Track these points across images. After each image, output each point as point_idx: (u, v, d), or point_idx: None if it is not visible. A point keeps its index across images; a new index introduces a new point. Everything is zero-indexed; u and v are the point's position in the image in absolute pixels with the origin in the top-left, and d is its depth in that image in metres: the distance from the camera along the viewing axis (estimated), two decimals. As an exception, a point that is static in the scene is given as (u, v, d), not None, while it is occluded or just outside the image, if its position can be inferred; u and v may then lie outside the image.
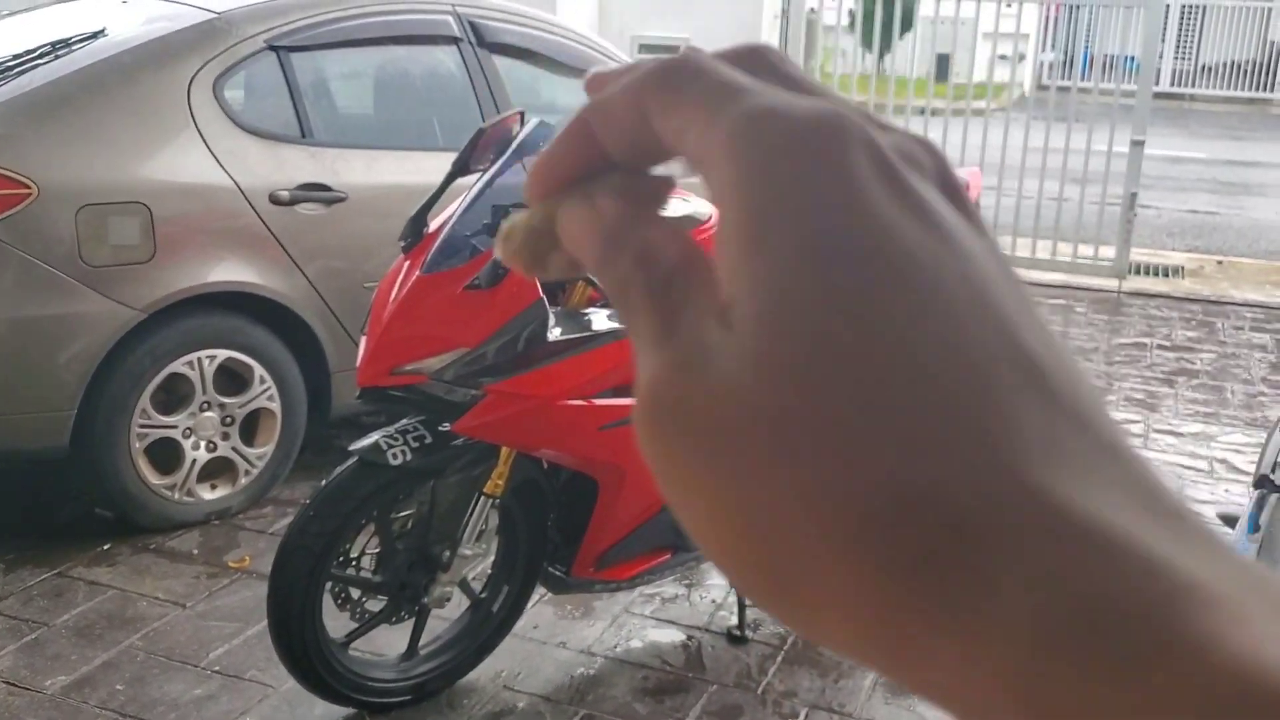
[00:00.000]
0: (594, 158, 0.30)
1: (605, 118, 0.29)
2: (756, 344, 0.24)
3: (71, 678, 2.92)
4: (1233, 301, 6.98)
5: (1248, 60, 19.09)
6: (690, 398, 0.24)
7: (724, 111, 0.26)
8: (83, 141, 3.46)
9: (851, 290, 0.23)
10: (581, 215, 0.30)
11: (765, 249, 0.24)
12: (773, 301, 0.24)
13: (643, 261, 0.28)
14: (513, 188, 2.63)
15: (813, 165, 0.25)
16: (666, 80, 0.28)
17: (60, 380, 3.41)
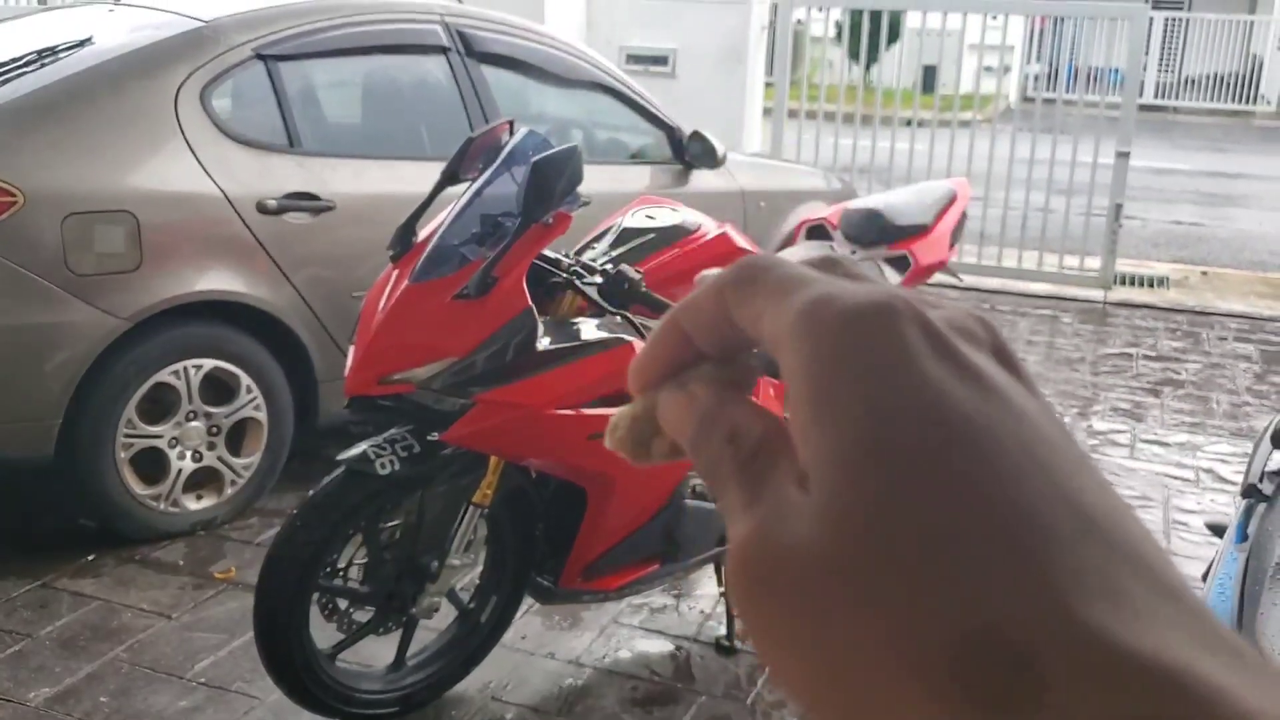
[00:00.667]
0: (686, 352, 0.34)
1: (693, 315, 0.34)
2: (828, 503, 0.26)
3: (55, 690, 2.90)
4: (1217, 312, 7.02)
5: (1231, 73, 19.21)
6: (773, 557, 0.27)
7: (791, 298, 0.30)
8: (69, 149, 3.45)
9: (910, 449, 0.25)
10: (677, 402, 0.34)
11: (828, 418, 0.27)
12: (837, 466, 0.26)
13: (731, 439, 0.31)
14: (501, 197, 2.63)
15: (869, 340, 0.28)
16: (742, 276, 0.32)
17: (45, 389, 3.39)
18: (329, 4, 4.15)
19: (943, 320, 0.29)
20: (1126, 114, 7.03)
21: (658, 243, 2.85)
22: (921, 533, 0.25)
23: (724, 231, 2.94)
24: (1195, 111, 18.85)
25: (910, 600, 0.24)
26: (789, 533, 0.26)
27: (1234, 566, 2.09)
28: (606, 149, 4.90)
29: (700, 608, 3.39)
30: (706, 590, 3.44)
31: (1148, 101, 16.99)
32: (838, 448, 0.26)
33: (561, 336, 2.61)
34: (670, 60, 8.63)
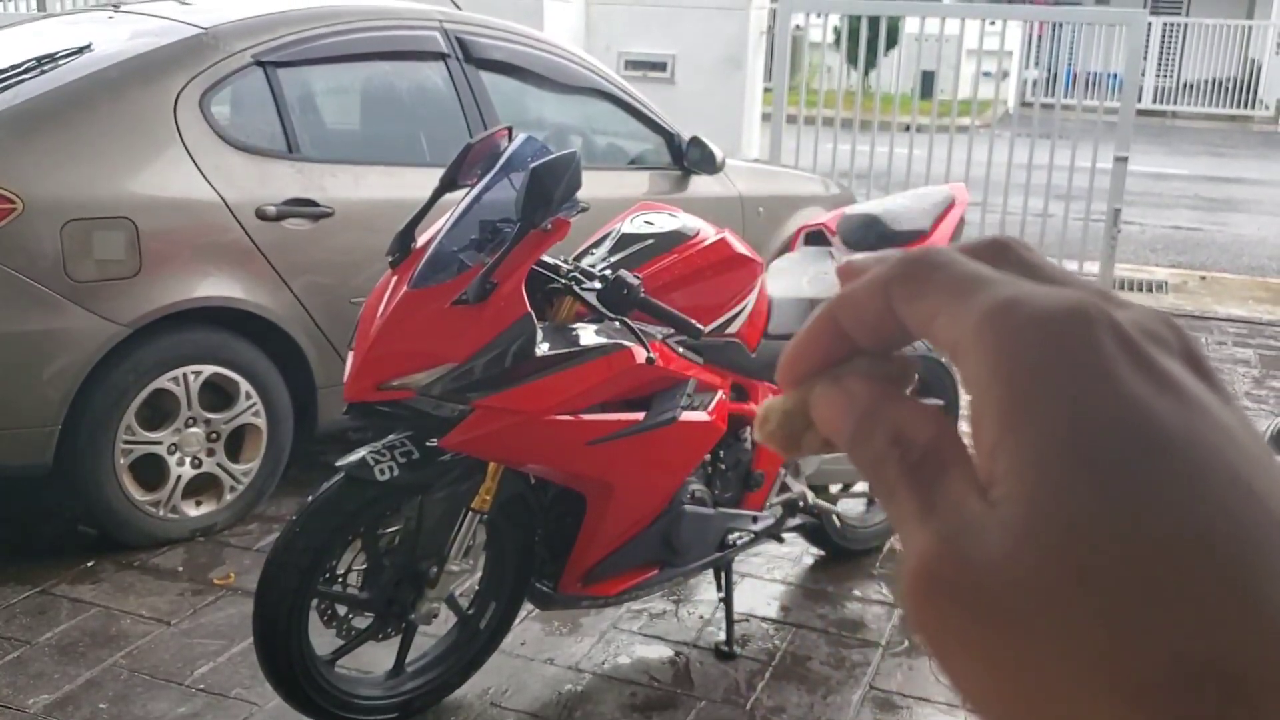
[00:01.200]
0: (840, 345, 0.33)
1: (851, 308, 0.32)
2: (1027, 521, 0.25)
3: (54, 696, 2.90)
4: (1216, 316, 7.02)
5: (1229, 77, 19.22)
6: (963, 572, 0.26)
7: (972, 301, 0.28)
8: (68, 156, 3.45)
9: (1111, 467, 0.24)
10: (833, 398, 0.32)
11: (1025, 430, 0.26)
12: (1037, 480, 0.25)
13: (897, 441, 0.30)
14: (500, 203, 2.63)
15: (1063, 349, 0.26)
16: (912, 272, 0.30)
17: (44, 396, 3.39)
18: (328, 10, 4.15)
19: (1134, 325, 0.27)
20: (1125, 119, 7.03)
21: (656, 248, 2.86)
22: (1130, 552, 0.24)
23: (723, 237, 2.95)
24: (1193, 116, 18.87)
25: (1120, 623, 0.24)
26: (980, 546, 0.25)
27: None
28: (605, 155, 4.91)
29: (699, 613, 3.39)
30: (705, 595, 3.44)
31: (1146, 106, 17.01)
32: (1034, 464, 0.25)
33: (560, 342, 2.61)
34: (669, 66, 8.64)
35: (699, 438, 2.86)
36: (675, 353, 2.81)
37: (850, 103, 7.62)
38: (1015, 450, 0.26)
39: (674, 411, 2.76)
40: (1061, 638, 0.24)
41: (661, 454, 2.79)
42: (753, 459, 3.11)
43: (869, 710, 2.96)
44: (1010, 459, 0.26)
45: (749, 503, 3.13)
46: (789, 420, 0.35)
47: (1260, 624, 0.23)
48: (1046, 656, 0.24)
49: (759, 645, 3.24)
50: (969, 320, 0.28)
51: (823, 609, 3.46)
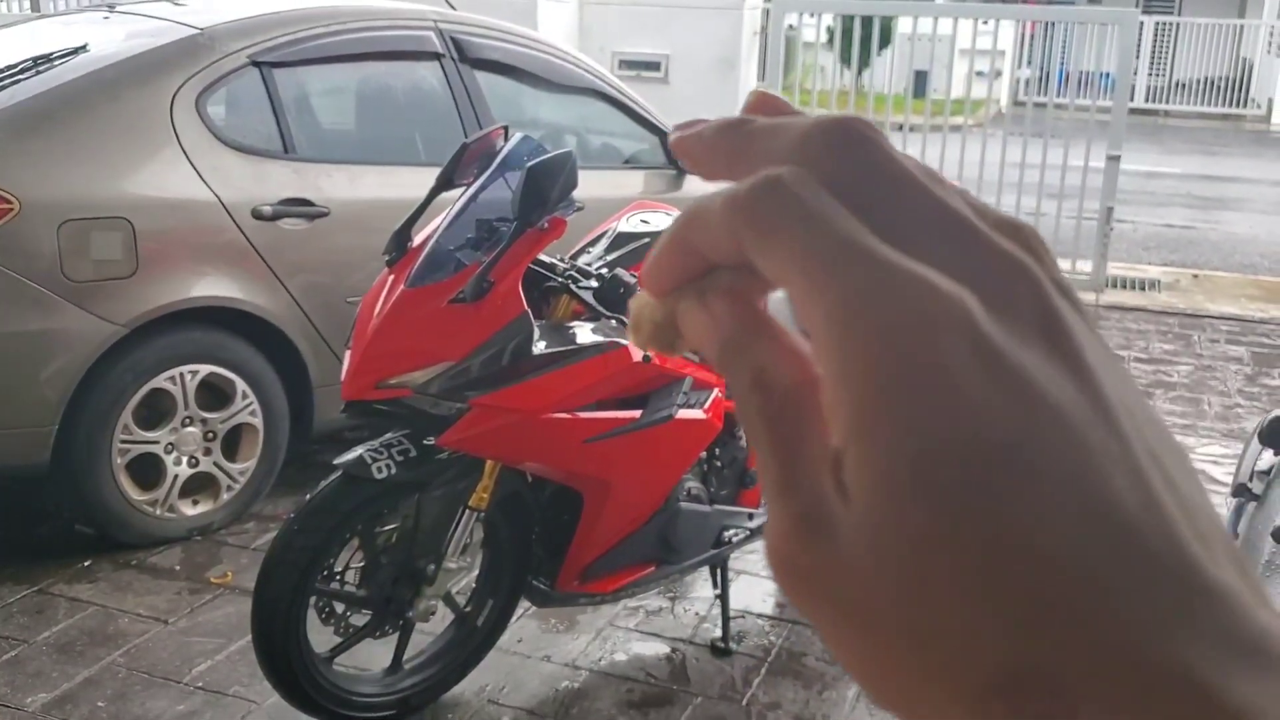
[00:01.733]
0: (698, 261, 0.31)
1: (703, 236, 0.30)
2: (875, 536, 0.26)
3: (53, 695, 2.91)
4: (1208, 314, 7.05)
5: (1221, 76, 19.27)
6: (817, 565, 0.27)
7: (830, 277, 0.27)
8: (65, 157, 3.46)
9: (946, 487, 0.25)
10: (697, 318, 0.31)
11: (872, 444, 0.26)
12: (884, 500, 0.26)
13: (757, 384, 0.29)
14: (496, 203, 2.65)
15: (909, 366, 0.26)
16: (759, 215, 0.28)
17: (41, 396, 3.40)
18: (323, 11, 4.16)
19: (991, 307, 0.27)
20: (1117, 118, 7.06)
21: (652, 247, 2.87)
22: (961, 566, 0.25)
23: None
24: (1186, 115, 18.92)
25: (956, 634, 0.25)
26: (834, 545, 0.26)
27: (1224, 565, 2.11)
28: (600, 154, 4.92)
29: (696, 610, 3.41)
30: (702, 593, 3.46)
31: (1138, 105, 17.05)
32: (883, 479, 0.26)
33: (557, 340, 2.62)
34: (663, 66, 8.66)
35: (695, 435, 2.87)
36: (671, 351, 2.82)
37: (844, 102, 7.65)
38: (863, 463, 0.26)
39: (670, 409, 2.77)
40: (908, 643, 0.25)
41: (658, 452, 2.80)
42: (748, 456, 3.13)
43: (864, 705, 2.97)
44: (859, 470, 0.26)
45: (745, 500, 3.15)
46: (660, 332, 0.34)
47: (1075, 628, 0.24)
48: (896, 661, 0.26)
49: (755, 642, 3.26)
50: (826, 299, 0.27)
51: (818, 606, 3.47)
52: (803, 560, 0.27)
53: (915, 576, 0.25)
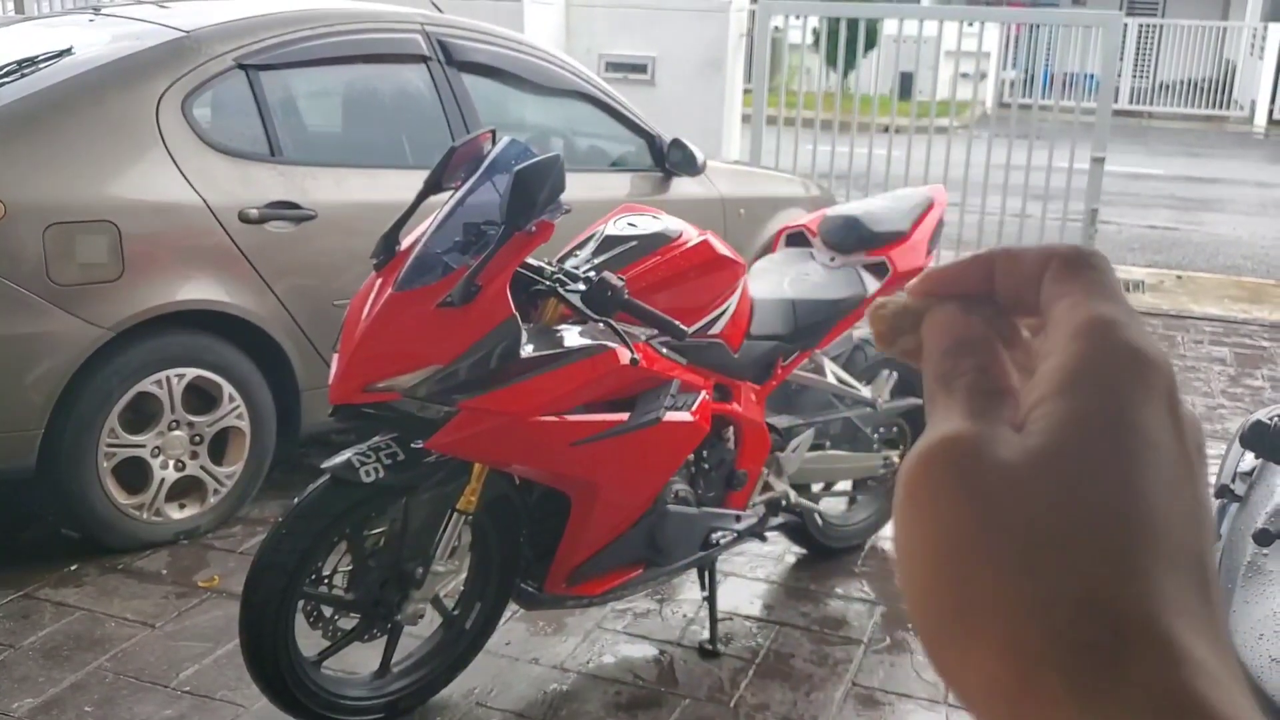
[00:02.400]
0: (981, 285, 0.39)
1: (1011, 261, 0.38)
2: (1040, 452, 0.32)
3: (40, 700, 2.90)
4: (1192, 315, 7.09)
5: (1204, 78, 19.37)
6: (979, 459, 0.33)
7: (1094, 302, 0.36)
8: (50, 160, 3.45)
9: (1099, 464, 0.32)
10: (953, 317, 0.38)
11: (1070, 407, 0.33)
12: (1059, 438, 0.33)
13: (983, 370, 0.36)
14: (484, 206, 2.65)
15: (1118, 385, 0.34)
16: (1075, 259, 0.37)
17: (27, 400, 3.39)
18: (310, 14, 4.16)
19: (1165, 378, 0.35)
20: (1102, 119, 7.10)
21: (640, 250, 2.88)
22: (1085, 520, 0.31)
23: (705, 239, 2.97)
24: (1169, 117, 19.02)
25: (1063, 553, 0.31)
26: (1001, 457, 0.32)
27: (1207, 566, 2.13)
28: (587, 157, 4.93)
29: (683, 612, 3.41)
30: (690, 595, 3.46)
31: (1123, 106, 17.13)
32: (1064, 430, 0.32)
33: (545, 344, 2.63)
34: (649, 68, 8.67)
35: (683, 438, 2.88)
36: (659, 354, 2.83)
37: (830, 104, 7.67)
38: (1054, 413, 0.33)
39: (658, 412, 2.78)
40: (1020, 548, 0.31)
41: (645, 454, 2.81)
42: (736, 459, 3.14)
43: (851, 706, 2.99)
44: (1050, 415, 0.33)
45: (732, 502, 3.16)
46: (901, 317, 0.39)
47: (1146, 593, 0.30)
48: (1002, 556, 0.31)
49: (742, 643, 3.27)
50: (1080, 314, 0.35)
51: (805, 607, 3.49)
52: (967, 454, 0.33)
53: (1052, 504, 0.31)
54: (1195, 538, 0.33)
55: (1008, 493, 0.31)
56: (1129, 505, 0.32)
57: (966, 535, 0.32)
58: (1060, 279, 0.37)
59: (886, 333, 0.40)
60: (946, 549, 0.32)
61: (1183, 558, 0.32)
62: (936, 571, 0.32)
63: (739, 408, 3.08)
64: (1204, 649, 0.30)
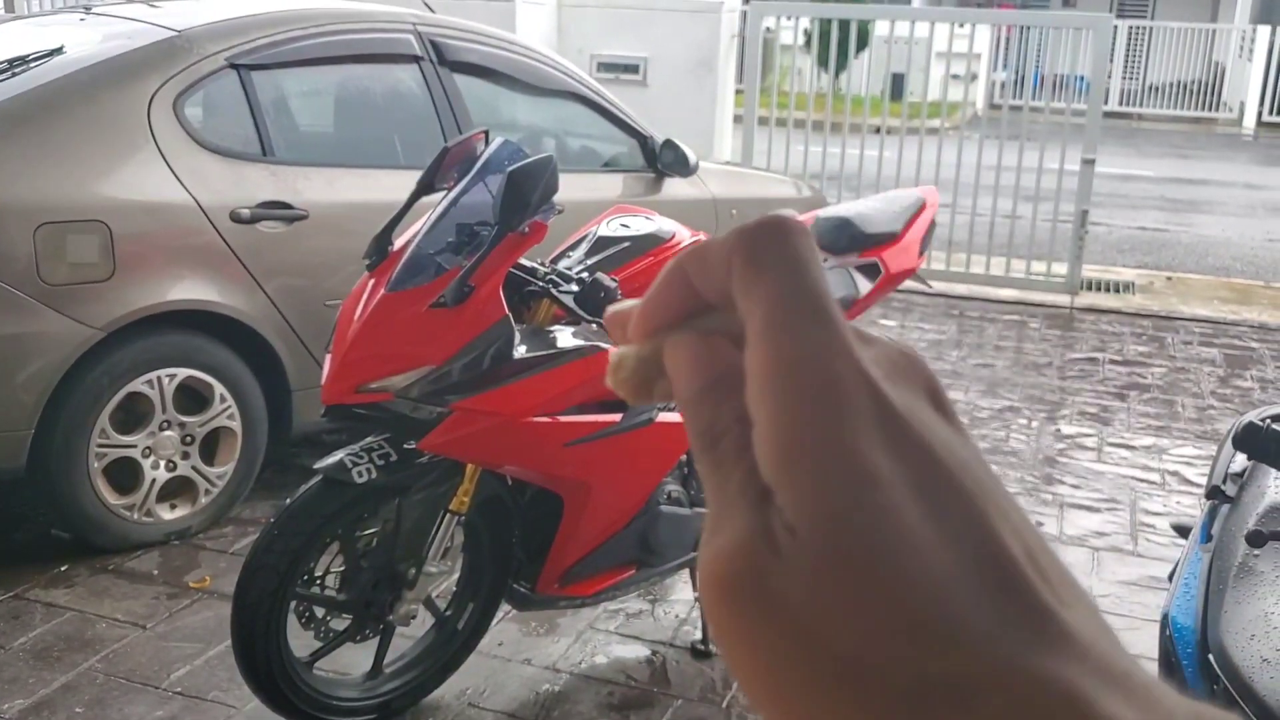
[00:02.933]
0: (692, 299, 0.35)
1: (700, 267, 0.35)
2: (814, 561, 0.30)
3: (30, 700, 2.89)
4: (1181, 316, 7.12)
5: (1193, 80, 19.44)
6: (767, 580, 0.30)
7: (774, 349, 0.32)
8: (41, 159, 3.44)
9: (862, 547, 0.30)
10: (692, 348, 0.35)
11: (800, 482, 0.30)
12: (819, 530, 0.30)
13: (741, 418, 0.32)
14: (477, 206, 2.65)
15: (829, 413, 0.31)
16: (753, 257, 0.33)
17: (17, 400, 3.37)
18: (302, 13, 4.15)
19: (884, 376, 0.32)
20: (1092, 121, 7.12)
21: (633, 251, 2.88)
22: (883, 602, 0.29)
23: (698, 240, 2.97)
24: (1159, 118, 19.08)
25: (873, 651, 0.29)
26: (786, 568, 0.30)
27: (1199, 566, 2.14)
28: (579, 157, 4.93)
29: (675, 612, 3.42)
30: (682, 595, 3.47)
31: (1112, 108, 17.19)
32: (814, 517, 0.30)
33: (538, 345, 2.63)
34: (641, 69, 8.67)
35: (675, 439, 2.88)
36: (651, 354, 2.83)
37: (821, 105, 7.67)
38: (798, 499, 0.30)
39: (650, 413, 2.78)
40: (831, 657, 0.29)
41: (638, 455, 2.81)
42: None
43: (843, 707, 2.99)
44: (794, 507, 0.30)
45: (724, 503, 3.16)
46: (643, 367, 0.36)
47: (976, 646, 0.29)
48: (817, 670, 0.29)
49: (734, 644, 3.27)
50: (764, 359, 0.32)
51: (797, 607, 3.49)
52: (751, 574, 0.30)
53: (846, 598, 0.29)
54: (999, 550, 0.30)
55: (803, 609, 0.29)
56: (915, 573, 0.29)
57: (775, 662, 0.30)
58: (742, 290, 0.33)
59: (638, 391, 0.36)
60: (761, 679, 0.30)
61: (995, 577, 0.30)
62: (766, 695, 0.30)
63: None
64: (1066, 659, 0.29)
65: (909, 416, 0.32)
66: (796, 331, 0.32)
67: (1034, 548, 0.31)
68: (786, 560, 0.30)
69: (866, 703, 0.29)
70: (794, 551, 0.30)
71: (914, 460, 0.31)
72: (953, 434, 0.33)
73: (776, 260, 0.33)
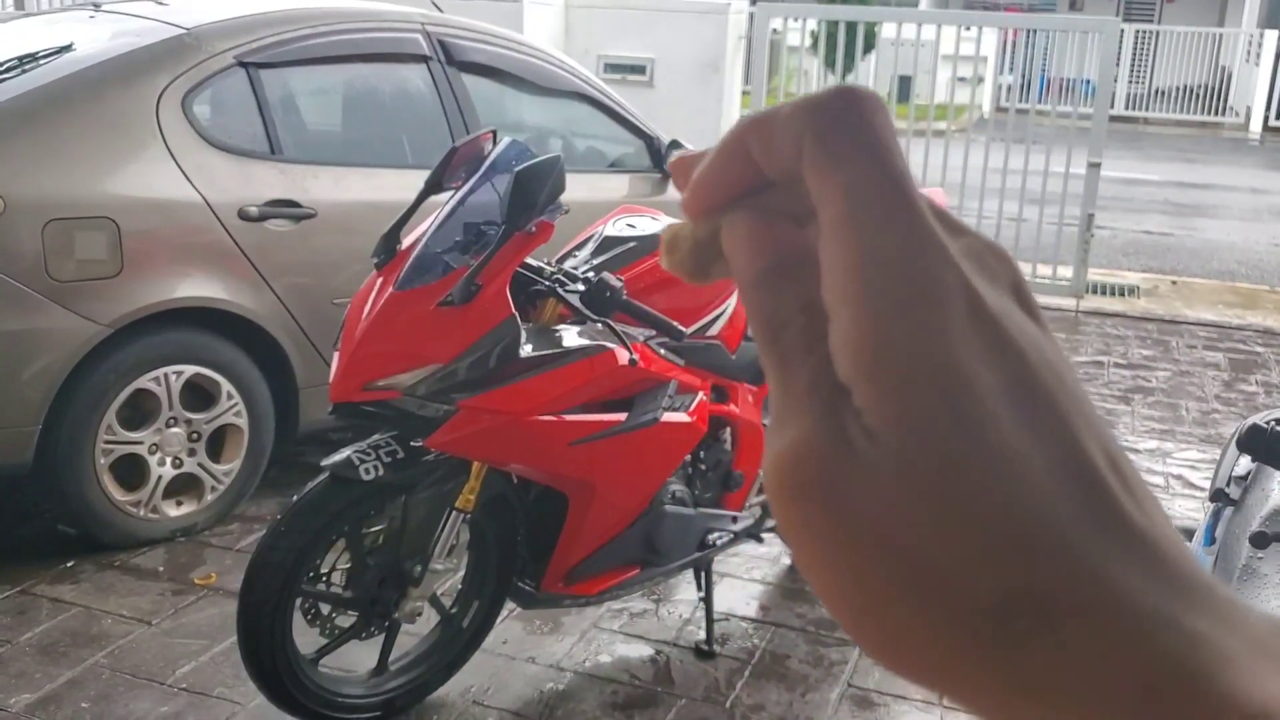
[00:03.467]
0: (753, 174, 0.32)
1: (764, 143, 0.31)
2: (897, 464, 0.28)
3: (36, 696, 2.90)
4: (1186, 320, 7.12)
5: (1200, 84, 19.41)
6: (841, 485, 0.28)
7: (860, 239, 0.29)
8: (50, 156, 3.45)
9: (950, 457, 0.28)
10: (753, 230, 0.32)
11: (886, 377, 0.28)
12: (905, 435, 0.28)
13: (807, 308, 0.30)
14: (484, 206, 2.66)
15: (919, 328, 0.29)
16: (830, 135, 0.30)
17: (24, 396, 3.39)
18: (311, 12, 4.17)
19: (975, 270, 0.30)
20: (1098, 125, 7.12)
21: (638, 251, 2.89)
22: (972, 510, 0.28)
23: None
24: (1165, 122, 19.06)
25: (956, 564, 0.27)
26: (860, 471, 0.28)
27: (1203, 569, 2.14)
28: (586, 158, 4.94)
29: (680, 612, 3.42)
30: (686, 595, 3.47)
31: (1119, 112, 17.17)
32: (902, 423, 0.28)
33: (544, 344, 2.64)
34: (648, 69, 8.68)
35: (680, 439, 2.89)
36: (657, 354, 2.84)
37: (827, 107, 7.67)
38: (882, 408, 0.28)
39: (655, 413, 2.79)
40: (912, 569, 0.28)
41: (643, 455, 2.82)
42: (733, 460, 3.15)
43: (847, 707, 3.00)
44: (878, 412, 0.28)
45: (729, 503, 3.17)
46: (699, 250, 0.33)
47: (1062, 559, 0.27)
48: (898, 581, 0.28)
49: (738, 644, 3.28)
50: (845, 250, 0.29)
51: (801, 608, 3.50)
52: (823, 478, 0.28)
53: (932, 510, 0.28)
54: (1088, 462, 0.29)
55: (882, 518, 0.28)
56: (1007, 487, 0.28)
57: (848, 570, 0.28)
58: (816, 175, 0.30)
59: (696, 269, 0.34)
60: (833, 586, 0.29)
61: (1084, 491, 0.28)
62: (838, 601, 0.29)
63: (736, 409, 3.09)
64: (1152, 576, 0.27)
65: (1002, 317, 0.30)
66: (882, 224, 0.29)
67: (1116, 457, 0.30)
68: (864, 466, 0.28)
69: (949, 618, 0.27)
70: (874, 458, 0.28)
71: (1008, 365, 0.29)
72: (1040, 334, 0.31)
73: (854, 143, 0.30)
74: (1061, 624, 0.27)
